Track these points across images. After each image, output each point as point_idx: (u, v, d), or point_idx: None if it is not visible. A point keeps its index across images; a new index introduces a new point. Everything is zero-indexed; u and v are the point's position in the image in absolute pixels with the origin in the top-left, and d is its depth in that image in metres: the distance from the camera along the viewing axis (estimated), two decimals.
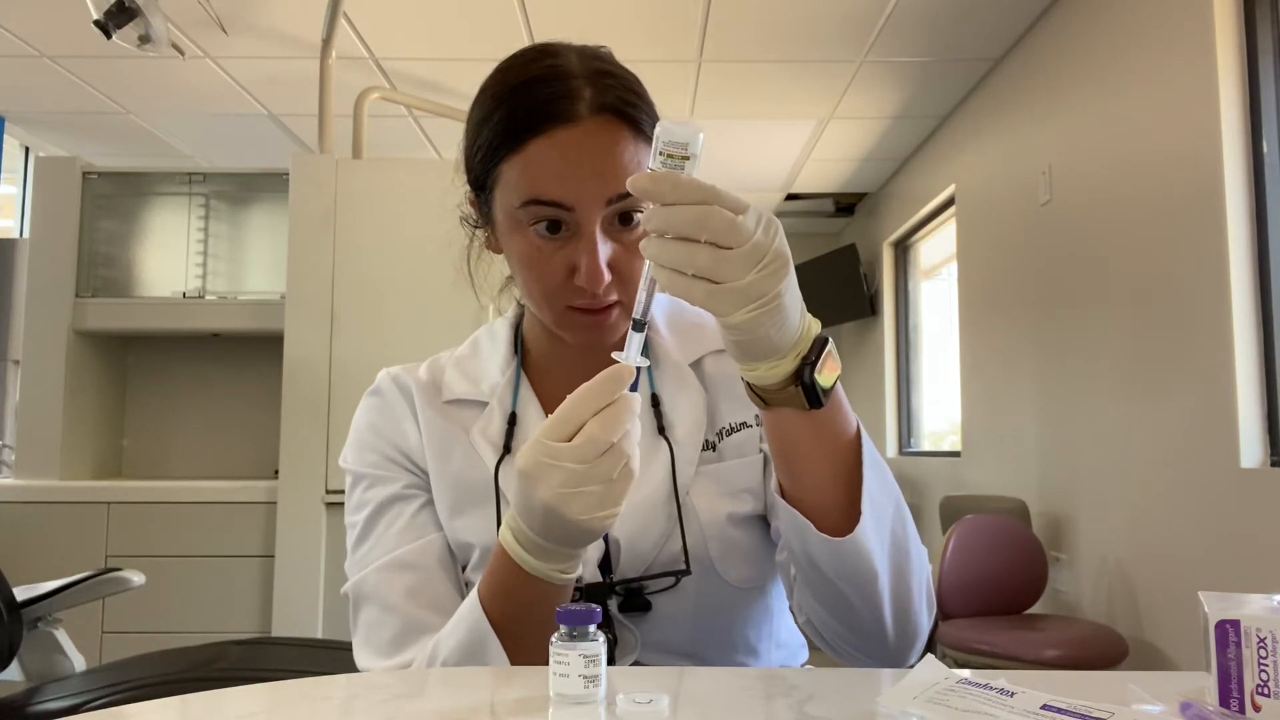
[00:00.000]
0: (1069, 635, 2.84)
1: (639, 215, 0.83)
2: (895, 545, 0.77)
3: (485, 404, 0.93)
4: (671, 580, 0.84)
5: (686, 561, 0.84)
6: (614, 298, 0.84)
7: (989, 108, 4.20)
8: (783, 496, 0.76)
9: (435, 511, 0.91)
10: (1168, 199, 2.81)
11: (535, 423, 0.92)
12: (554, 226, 0.82)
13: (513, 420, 0.92)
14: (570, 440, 0.68)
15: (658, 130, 0.66)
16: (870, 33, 3.77)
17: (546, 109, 0.81)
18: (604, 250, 0.82)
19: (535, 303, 0.87)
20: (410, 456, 0.93)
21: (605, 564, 0.86)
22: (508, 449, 0.90)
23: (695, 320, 0.99)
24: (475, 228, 0.97)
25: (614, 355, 0.71)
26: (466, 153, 0.92)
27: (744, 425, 0.92)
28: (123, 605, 2.84)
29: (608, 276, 0.82)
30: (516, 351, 0.97)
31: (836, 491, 0.74)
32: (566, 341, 0.91)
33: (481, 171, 0.89)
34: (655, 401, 0.92)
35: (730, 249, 0.63)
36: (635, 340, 0.71)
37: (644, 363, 0.71)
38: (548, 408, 0.93)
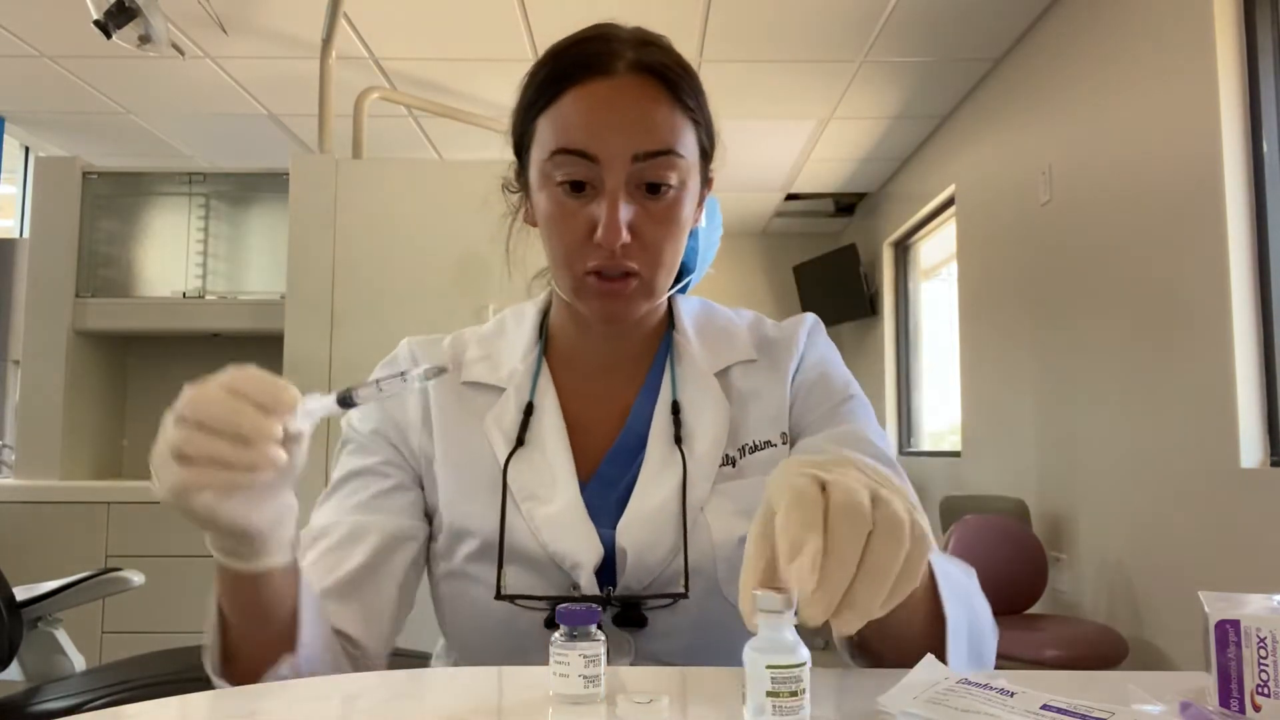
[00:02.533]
0: (1069, 635, 2.84)
1: (668, 185, 0.83)
2: (971, 634, 0.72)
3: (502, 390, 0.92)
4: (669, 600, 0.83)
5: (686, 585, 0.82)
6: (632, 266, 0.83)
7: (989, 108, 4.20)
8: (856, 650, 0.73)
9: (408, 497, 0.89)
10: (1168, 199, 2.81)
11: (551, 414, 0.90)
12: (578, 185, 0.82)
13: (529, 411, 0.90)
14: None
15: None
16: (870, 33, 3.77)
17: (584, 62, 0.83)
18: (626, 212, 0.81)
19: (556, 266, 0.86)
20: (405, 433, 0.91)
21: (609, 572, 0.84)
22: (520, 441, 0.88)
23: (725, 327, 0.97)
24: (513, 194, 0.95)
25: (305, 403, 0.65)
26: (512, 117, 0.90)
27: (768, 444, 0.89)
28: (123, 605, 2.83)
29: (626, 235, 0.81)
30: (541, 337, 0.95)
31: (924, 623, 0.67)
32: (590, 331, 0.90)
33: (520, 131, 0.88)
34: (675, 409, 0.90)
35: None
36: (325, 403, 0.66)
37: (325, 411, 0.66)
38: (565, 400, 0.92)
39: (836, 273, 6.01)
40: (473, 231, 3.08)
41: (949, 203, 4.79)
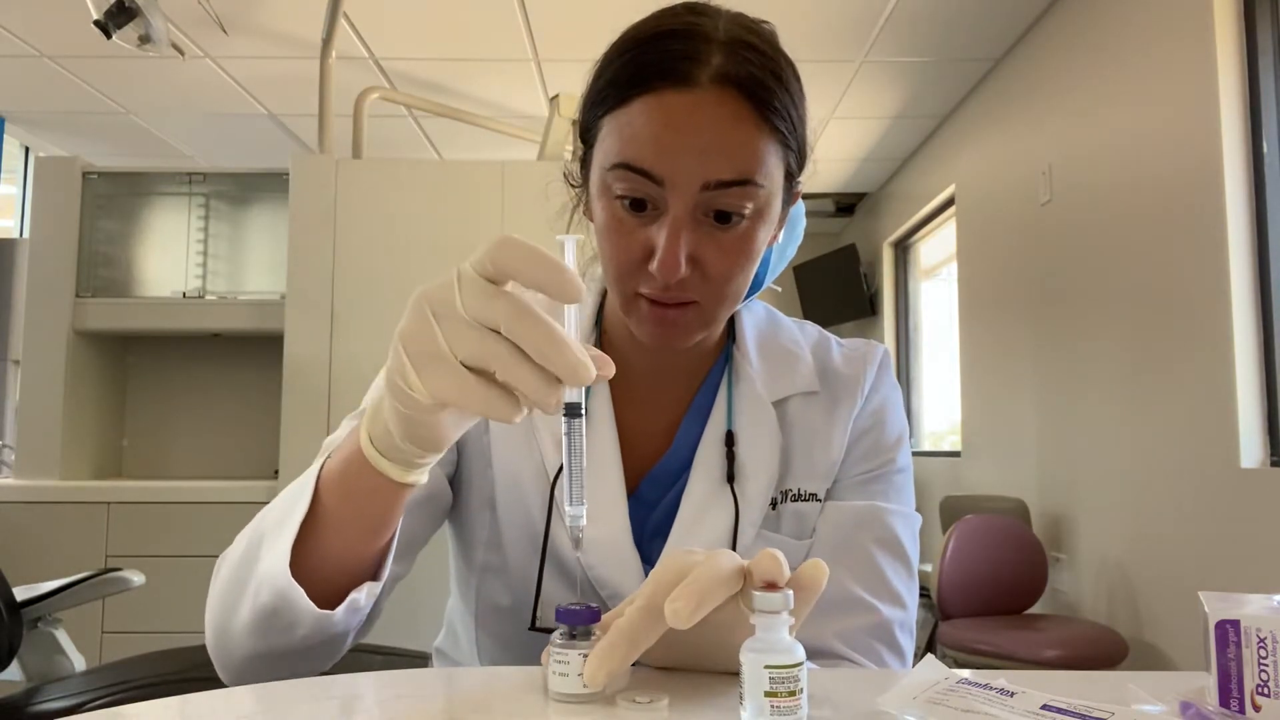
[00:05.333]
0: (1069, 635, 2.84)
1: (740, 215, 0.73)
2: None
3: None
4: None
5: None
6: (692, 297, 0.76)
7: (989, 108, 4.20)
8: None
9: (449, 452, 0.84)
10: (1168, 199, 2.81)
11: (604, 423, 0.84)
12: (639, 204, 0.73)
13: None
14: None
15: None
16: (870, 33, 3.77)
17: (662, 66, 0.71)
18: (688, 241, 0.72)
19: (608, 280, 0.79)
20: None
21: None
22: None
23: (789, 349, 0.90)
24: (573, 187, 0.86)
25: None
26: (580, 104, 0.81)
27: (812, 496, 0.85)
28: (123, 605, 2.84)
29: (684, 270, 0.72)
30: (596, 326, 0.89)
31: None
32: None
33: (586, 124, 0.79)
34: (729, 440, 0.84)
35: None
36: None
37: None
38: (620, 405, 0.86)
39: (836, 273, 6.01)
40: (473, 231, 3.08)
41: (949, 203, 4.79)
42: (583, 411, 0.57)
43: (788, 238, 0.93)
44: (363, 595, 0.66)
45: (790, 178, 0.79)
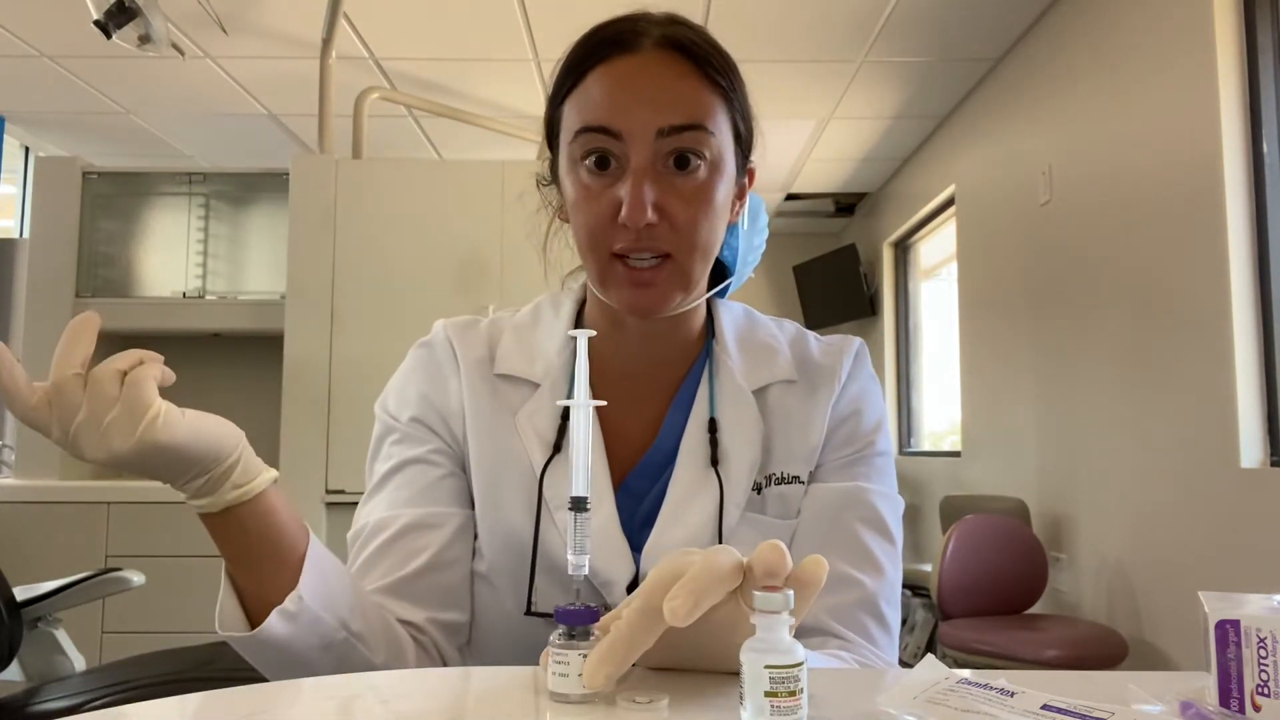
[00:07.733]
0: (1069, 635, 2.84)
1: (697, 159, 0.79)
2: None
3: (536, 385, 0.87)
4: None
5: None
6: (663, 249, 0.79)
7: (989, 108, 4.20)
8: None
9: (458, 484, 0.87)
10: (1168, 199, 2.81)
11: (587, 415, 0.89)
12: (603, 162, 0.79)
13: (565, 414, 0.86)
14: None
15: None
16: (870, 33, 3.77)
17: (609, 40, 0.80)
18: (652, 189, 0.77)
19: (583, 253, 0.82)
20: (448, 420, 0.88)
21: (632, 589, 0.82)
22: (557, 448, 0.85)
23: (767, 342, 0.93)
24: (546, 186, 0.91)
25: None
26: (545, 108, 0.88)
27: (795, 479, 0.87)
28: (123, 605, 2.84)
29: (651, 214, 0.76)
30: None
31: None
32: (627, 331, 0.86)
33: (550, 119, 0.85)
34: (712, 427, 0.86)
35: None
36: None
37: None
38: (601, 398, 0.90)
39: (836, 273, 6.01)
40: (473, 231, 3.08)
41: (949, 203, 4.79)
42: (588, 506, 0.64)
43: (752, 227, 0.96)
44: (288, 603, 0.72)
45: (740, 141, 0.85)
